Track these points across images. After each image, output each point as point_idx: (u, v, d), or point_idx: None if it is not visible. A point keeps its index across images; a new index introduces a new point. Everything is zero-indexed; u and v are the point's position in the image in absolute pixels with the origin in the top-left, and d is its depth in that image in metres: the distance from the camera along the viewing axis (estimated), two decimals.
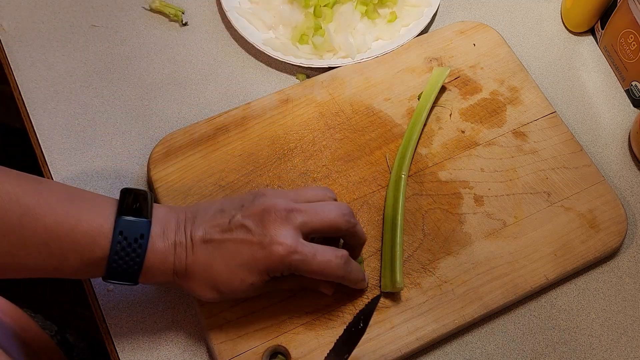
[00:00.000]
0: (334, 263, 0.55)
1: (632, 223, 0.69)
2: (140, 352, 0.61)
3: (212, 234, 0.53)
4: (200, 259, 0.53)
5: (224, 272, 0.53)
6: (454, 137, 0.71)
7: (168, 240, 0.53)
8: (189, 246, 0.53)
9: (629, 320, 0.64)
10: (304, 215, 0.54)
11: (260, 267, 0.53)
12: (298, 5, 0.77)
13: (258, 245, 0.53)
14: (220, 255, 0.53)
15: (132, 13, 0.80)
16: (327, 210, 0.56)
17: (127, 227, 0.51)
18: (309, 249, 0.53)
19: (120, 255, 0.51)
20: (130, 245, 0.51)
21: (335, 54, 0.76)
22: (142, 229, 0.51)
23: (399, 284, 0.60)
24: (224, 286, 0.54)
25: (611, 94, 0.77)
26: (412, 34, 0.76)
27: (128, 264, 0.51)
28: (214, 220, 0.54)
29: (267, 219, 0.53)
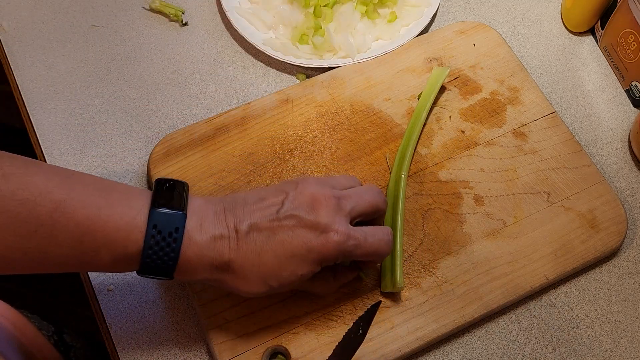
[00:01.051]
0: (385, 241, 0.55)
1: (632, 223, 0.69)
2: (140, 352, 0.61)
3: (261, 223, 0.51)
4: (246, 251, 0.50)
5: (273, 263, 0.51)
6: (454, 137, 0.71)
7: (206, 234, 0.50)
8: (233, 238, 0.51)
9: (629, 320, 0.64)
10: (351, 201, 0.54)
11: (314, 257, 0.51)
12: (298, 5, 0.77)
13: (312, 232, 0.51)
14: (270, 245, 0.51)
15: (132, 13, 0.80)
16: (367, 194, 0.56)
17: (161, 220, 0.48)
18: (360, 232, 0.53)
19: (154, 249, 0.49)
20: (164, 240, 0.48)
21: (335, 54, 0.76)
22: (177, 222, 0.49)
23: (399, 284, 0.60)
24: (273, 279, 0.51)
25: (611, 94, 0.77)
26: (412, 34, 0.76)
27: (162, 259, 0.49)
28: (260, 209, 0.52)
29: (318, 206, 0.52)
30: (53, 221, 0.46)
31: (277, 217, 0.51)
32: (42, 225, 0.46)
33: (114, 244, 0.48)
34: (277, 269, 0.51)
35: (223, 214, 0.52)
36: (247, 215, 0.52)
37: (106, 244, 0.48)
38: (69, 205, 0.47)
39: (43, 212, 0.46)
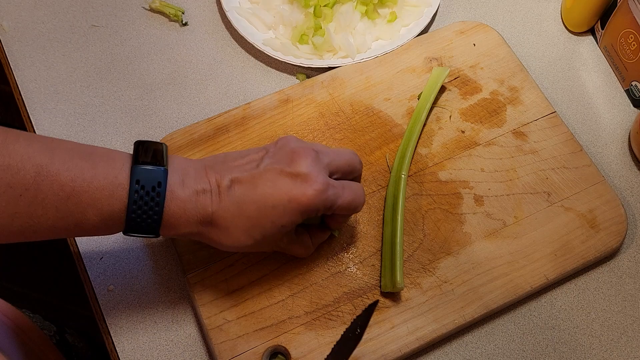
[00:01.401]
0: (360, 193, 0.57)
1: (632, 223, 0.69)
2: (140, 352, 0.61)
3: (242, 177, 0.52)
4: (228, 204, 0.52)
5: (255, 215, 0.52)
6: (454, 137, 0.71)
7: (188, 189, 0.51)
8: (215, 192, 0.52)
9: (629, 320, 0.64)
10: (329, 156, 0.56)
11: (295, 206, 0.52)
12: (298, 5, 0.77)
13: (292, 182, 0.52)
14: (252, 197, 0.52)
15: (132, 13, 0.80)
16: (344, 152, 0.58)
17: (144, 175, 0.50)
18: (338, 183, 0.55)
19: (139, 205, 0.49)
20: (148, 194, 0.49)
21: (335, 54, 0.76)
22: (159, 176, 0.50)
23: (399, 284, 0.60)
24: (255, 230, 0.52)
25: (611, 94, 0.77)
26: (412, 34, 0.76)
27: (147, 214, 0.50)
28: (241, 165, 0.53)
29: (298, 158, 0.53)
30: (37, 185, 0.47)
31: (257, 170, 0.53)
32: (27, 189, 0.47)
33: (100, 202, 0.49)
34: (259, 220, 0.52)
35: (204, 170, 0.53)
36: (228, 171, 0.53)
37: (92, 204, 0.49)
38: (51, 169, 0.47)
39: (26, 177, 0.46)
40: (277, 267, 0.63)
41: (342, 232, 0.64)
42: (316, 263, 0.63)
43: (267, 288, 0.62)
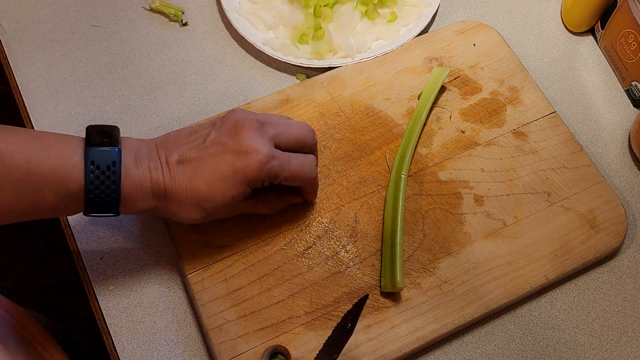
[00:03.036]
0: (307, 165, 0.58)
1: (632, 223, 0.69)
2: (140, 352, 0.61)
3: (188, 154, 0.55)
4: (179, 179, 0.54)
5: (204, 188, 0.54)
6: (454, 137, 0.71)
7: (142, 167, 0.54)
8: (165, 169, 0.54)
9: (629, 320, 0.64)
10: (276, 128, 0.57)
11: (240, 178, 0.54)
12: (298, 6, 0.77)
13: (236, 155, 0.54)
14: (199, 172, 0.54)
15: (132, 13, 0.80)
16: (295, 125, 0.59)
17: (98, 156, 0.51)
18: (283, 155, 0.56)
19: (96, 184, 0.51)
20: (103, 174, 0.51)
21: (335, 54, 0.76)
22: (113, 156, 0.52)
23: (399, 284, 0.60)
24: (206, 202, 0.55)
25: (611, 94, 0.77)
26: (412, 34, 0.76)
27: (105, 192, 0.52)
28: (188, 142, 0.56)
29: (241, 130, 0.55)
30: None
31: (203, 146, 0.55)
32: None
33: (55, 182, 0.50)
34: (208, 193, 0.54)
35: (155, 149, 0.55)
36: (178, 148, 0.55)
37: (48, 184, 0.50)
38: (5, 152, 0.49)
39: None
40: (277, 267, 0.63)
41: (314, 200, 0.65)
42: (316, 263, 0.63)
43: (267, 288, 0.62)
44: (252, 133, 0.55)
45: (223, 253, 0.63)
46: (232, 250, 0.63)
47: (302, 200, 0.64)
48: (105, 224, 0.67)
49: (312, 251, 0.64)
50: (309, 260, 0.63)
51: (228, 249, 0.63)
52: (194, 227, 0.64)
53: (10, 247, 1.21)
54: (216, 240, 0.64)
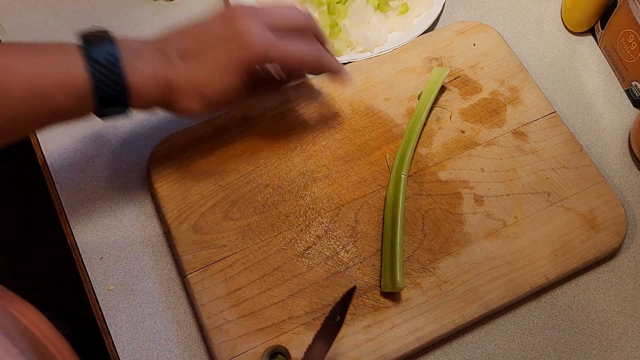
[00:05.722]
0: (307, 49, 0.59)
1: (632, 223, 0.69)
2: (140, 352, 0.61)
3: (189, 48, 0.57)
4: (182, 71, 0.56)
5: (205, 77, 0.57)
6: (454, 137, 0.71)
7: (144, 59, 0.55)
8: (168, 63, 0.56)
9: (629, 320, 0.64)
10: (268, 12, 0.59)
11: (238, 63, 0.56)
12: (311, 5, 0.77)
13: (232, 42, 0.56)
14: (201, 63, 0.56)
15: (132, 12, 0.80)
16: (287, 9, 0.61)
17: (96, 53, 0.53)
18: (282, 40, 0.58)
19: (101, 79, 0.53)
20: (106, 69, 0.53)
21: (353, 49, 0.76)
22: (111, 50, 0.54)
23: (399, 284, 0.60)
24: (208, 91, 0.57)
25: (611, 94, 0.77)
26: (425, 25, 0.77)
27: (111, 87, 0.54)
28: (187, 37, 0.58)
29: (235, 18, 0.57)
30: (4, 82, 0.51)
31: (201, 38, 0.57)
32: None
33: (64, 84, 0.53)
34: (209, 81, 0.57)
35: (155, 44, 0.57)
36: (177, 43, 0.57)
37: (58, 88, 0.53)
38: (13, 65, 0.52)
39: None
40: (277, 267, 0.63)
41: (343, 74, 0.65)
42: (316, 263, 0.63)
43: (267, 288, 0.62)
44: (245, 19, 0.57)
45: (223, 253, 0.63)
46: (232, 250, 0.63)
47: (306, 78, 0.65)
48: (105, 224, 0.67)
49: (312, 251, 0.64)
50: (309, 260, 0.63)
51: (228, 249, 0.63)
52: (194, 227, 0.64)
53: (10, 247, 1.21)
54: (216, 240, 0.64)
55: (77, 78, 0.53)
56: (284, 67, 0.60)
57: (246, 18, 0.57)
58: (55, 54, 0.54)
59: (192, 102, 0.57)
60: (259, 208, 0.66)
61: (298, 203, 0.66)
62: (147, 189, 0.69)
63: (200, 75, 0.57)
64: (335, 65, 0.63)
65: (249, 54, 0.56)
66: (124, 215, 0.68)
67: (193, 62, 0.57)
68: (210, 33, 0.57)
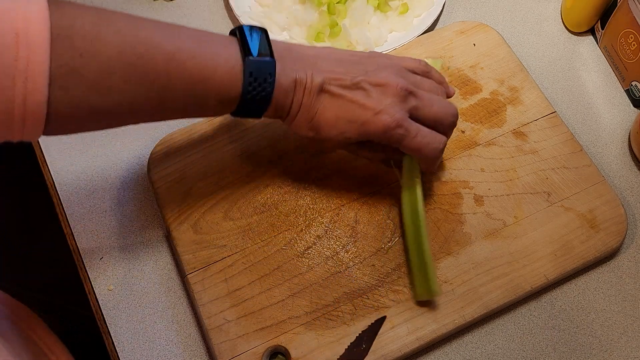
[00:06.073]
0: (432, 146, 0.58)
1: (632, 223, 0.69)
2: (140, 352, 0.61)
3: (331, 86, 0.56)
4: (314, 102, 0.56)
5: (330, 120, 0.57)
6: (454, 137, 0.70)
7: (288, 77, 0.55)
8: (308, 88, 0.56)
9: (629, 320, 0.64)
10: (419, 101, 0.58)
11: (364, 129, 0.57)
12: (311, 5, 0.77)
13: (371, 110, 0.56)
14: (334, 106, 0.56)
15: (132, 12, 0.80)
16: (440, 104, 0.59)
17: (256, 67, 0.53)
18: (413, 126, 0.57)
19: (252, 94, 0.54)
20: (260, 85, 0.54)
21: (353, 49, 0.76)
22: (270, 68, 0.54)
23: (436, 292, 0.60)
24: (324, 131, 0.57)
25: (611, 94, 0.77)
26: (426, 24, 0.77)
27: (257, 101, 0.54)
28: (335, 72, 0.57)
29: (386, 91, 0.57)
30: (168, 72, 0.50)
31: (348, 85, 0.57)
32: (159, 76, 0.50)
33: (220, 89, 0.53)
34: (330, 125, 0.57)
35: (302, 61, 0.57)
36: (323, 73, 0.57)
37: (212, 90, 0.53)
38: (179, 57, 0.51)
39: (159, 64, 0.50)
40: (277, 267, 0.63)
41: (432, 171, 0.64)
42: (316, 263, 0.63)
43: (267, 288, 0.62)
44: (394, 99, 0.57)
45: (223, 253, 0.63)
46: (232, 250, 0.63)
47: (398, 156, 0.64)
48: (105, 224, 0.67)
49: (312, 251, 0.64)
50: (309, 260, 0.63)
51: (228, 249, 0.63)
52: (194, 227, 0.64)
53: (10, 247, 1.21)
54: (216, 240, 0.64)
55: (232, 89, 0.53)
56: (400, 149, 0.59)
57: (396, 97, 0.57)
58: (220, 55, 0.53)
59: (305, 129, 0.58)
60: (259, 208, 0.66)
61: (298, 203, 0.66)
62: (147, 188, 0.69)
63: (326, 117, 0.57)
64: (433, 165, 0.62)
65: (376, 130, 0.56)
66: (124, 215, 0.68)
67: (329, 101, 0.56)
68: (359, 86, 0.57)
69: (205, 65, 0.52)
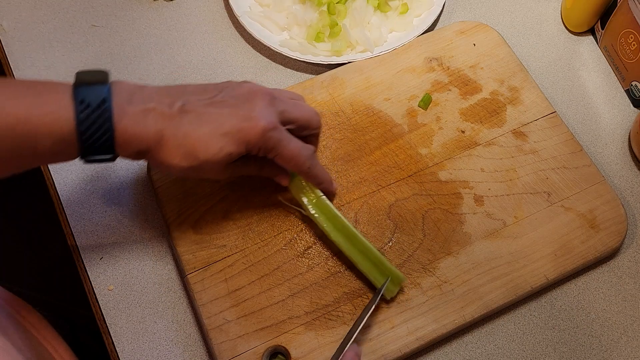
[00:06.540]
0: (303, 153, 0.59)
1: (632, 223, 0.69)
2: (140, 352, 0.61)
3: (195, 105, 0.55)
4: (180, 124, 0.53)
5: (204, 138, 0.54)
6: (454, 137, 0.70)
7: (138, 106, 0.52)
8: (166, 112, 0.53)
9: (629, 320, 0.64)
10: (285, 105, 0.58)
11: (242, 137, 0.55)
12: (311, 5, 0.77)
13: (244, 116, 0.55)
14: (203, 122, 0.54)
15: (132, 13, 0.80)
16: (304, 107, 0.61)
17: (87, 94, 0.50)
18: (286, 133, 0.57)
19: (88, 124, 0.50)
20: (94, 112, 0.50)
21: (353, 49, 0.76)
22: (103, 93, 0.51)
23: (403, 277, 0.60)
24: (202, 152, 0.54)
25: (611, 94, 0.77)
26: (426, 24, 0.77)
27: (98, 132, 0.51)
28: (196, 94, 0.56)
29: (253, 99, 0.56)
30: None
31: (212, 101, 0.56)
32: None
33: (48, 126, 0.50)
34: (206, 144, 0.54)
35: (156, 92, 0.54)
36: (183, 97, 0.55)
37: (41, 129, 0.50)
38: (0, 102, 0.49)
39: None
40: (277, 267, 0.63)
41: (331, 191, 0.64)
42: (316, 263, 0.63)
43: (267, 288, 0.62)
44: (263, 103, 0.56)
45: (223, 253, 0.63)
46: (232, 250, 0.63)
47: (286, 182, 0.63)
48: (105, 224, 0.67)
49: (312, 251, 0.64)
50: (309, 260, 0.63)
51: (228, 249, 0.63)
52: (194, 227, 0.64)
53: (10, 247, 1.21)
54: (216, 240, 0.64)
55: (63, 121, 0.50)
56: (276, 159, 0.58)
57: (264, 102, 0.56)
58: (45, 93, 0.51)
59: (179, 159, 0.54)
60: (259, 208, 0.66)
61: None
62: (147, 188, 0.69)
63: (200, 135, 0.54)
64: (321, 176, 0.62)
65: (255, 136, 0.55)
66: (124, 215, 0.68)
67: (197, 119, 0.54)
68: (224, 100, 0.56)
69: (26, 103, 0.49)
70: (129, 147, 0.53)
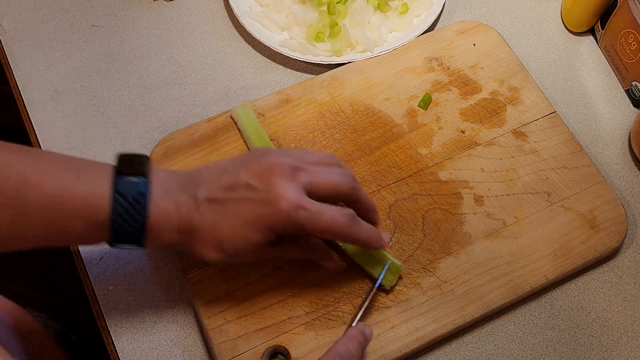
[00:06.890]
0: (341, 221, 0.54)
1: (632, 223, 0.69)
2: (140, 352, 0.61)
3: (216, 193, 0.53)
4: (205, 217, 0.52)
5: (228, 231, 0.53)
6: (454, 137, 0.71)
7: (170, 199, 0.52)
8: (193, 205, 0.52)
9: (629, 320, 0.64)
10: (309, 174, 0.54)
11: (265, 224, 0.52)
12: (311, 5, 0.77)
13: (262, 202, 0.52)
14: (225, 214, 0.52)
15: (132, 12, 0.80)
16: (331, 173, 0.55)
17: (126, 187, 0.50)
18: (315, 206, 0.53)
19: (123, 216, 0.50)
20: (131, 206, 0.50)
21: (353, 49, 0.76)
22: (142, 187, 0.51)
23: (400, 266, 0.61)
24: (228, 244, 0.53)
25: (611, 94, 0.77)
26: (426, 24, 0.77)
27: (131, 224, 0.50)
28: (218, 180, 0.54)
29: (271, 175, 0.52)
30: (21, 194, 0.48)
31: (232, 186, 0.53)
32: (11, 198, 0.47)
33: (83, 212, 0.49)
34: (231, 236, 0.53)
35: (185, 183, 0.54)
36: (206, 185, 0.53)
37: (75, 214, 0.49)
38: (36, 179, 0.48)
39: (11, 186, 0.47)
40: (277, 267, 0.63)
41: None
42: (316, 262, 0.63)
43: (267, 288, 0.62)
44: (282, 180, 0.52)
45: None
46: None
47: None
48: None
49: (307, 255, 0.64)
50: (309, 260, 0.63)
51: None
52: None
53: None
54: None
55: (99, 210, 0.50)
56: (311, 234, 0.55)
57: (284, 178, 0.52)
58: (83, 176, 0.50)
59: (209, 251, 0.54)
60: None
61: None
62: None
63: (223, 228, 0.52)
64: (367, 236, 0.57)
65: (278, 221, 0.52)
66: None
67: (219, 210, 0.52)
68: (243, 182, 0.53)
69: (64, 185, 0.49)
70: (158, 240, 0.53)
